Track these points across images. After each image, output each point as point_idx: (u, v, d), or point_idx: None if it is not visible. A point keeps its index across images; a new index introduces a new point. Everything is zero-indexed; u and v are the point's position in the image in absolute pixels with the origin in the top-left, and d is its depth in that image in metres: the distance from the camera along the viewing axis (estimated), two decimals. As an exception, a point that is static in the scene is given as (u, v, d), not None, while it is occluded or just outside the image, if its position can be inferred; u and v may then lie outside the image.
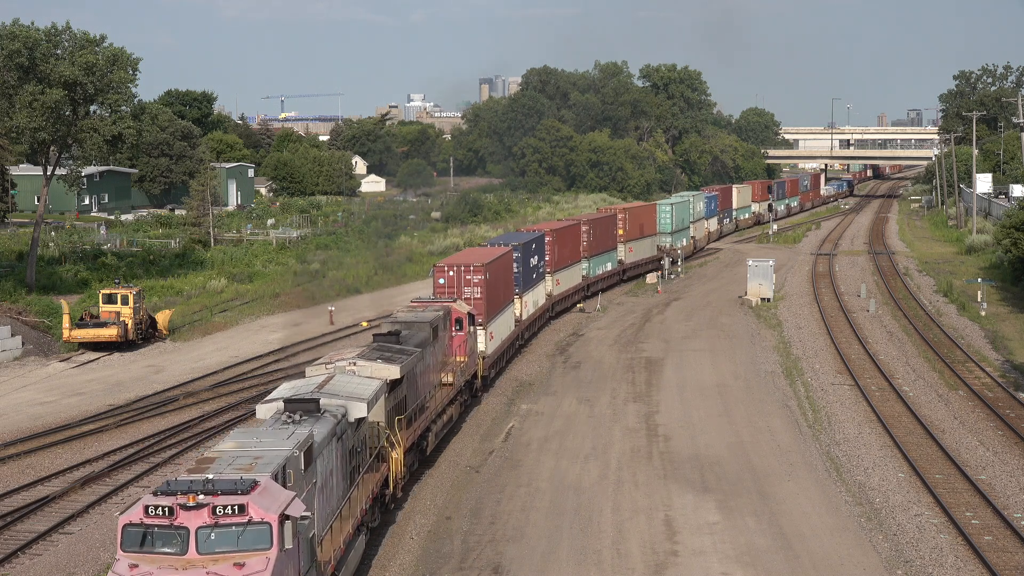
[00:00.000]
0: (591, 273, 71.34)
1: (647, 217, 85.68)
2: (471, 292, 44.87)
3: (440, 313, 37.87)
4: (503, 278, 49.17)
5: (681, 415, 41.60)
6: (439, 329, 36.80)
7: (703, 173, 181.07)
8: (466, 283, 44.99)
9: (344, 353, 31.43)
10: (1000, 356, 51.34)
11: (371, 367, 29.45)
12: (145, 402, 45.32)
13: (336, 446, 24.41)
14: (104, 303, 56.46)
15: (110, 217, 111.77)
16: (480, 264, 45.16)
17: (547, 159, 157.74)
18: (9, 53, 62.15)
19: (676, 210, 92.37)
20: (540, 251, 59.02)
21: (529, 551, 28.10)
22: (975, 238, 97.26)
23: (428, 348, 34.62)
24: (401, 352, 31.65)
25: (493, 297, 46.40)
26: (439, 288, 45.11)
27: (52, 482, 34.59)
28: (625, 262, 79.90)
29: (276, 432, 23.07)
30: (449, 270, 45.37)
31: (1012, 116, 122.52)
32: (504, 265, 49.48)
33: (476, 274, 45.01)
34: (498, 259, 47.90)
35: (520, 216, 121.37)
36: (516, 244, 53.98)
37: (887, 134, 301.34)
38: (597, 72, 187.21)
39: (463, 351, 39.88)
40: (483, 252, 50.70)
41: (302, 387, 27.26)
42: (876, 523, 29.60)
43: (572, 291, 67.17)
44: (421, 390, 33.30)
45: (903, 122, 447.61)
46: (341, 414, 25.23)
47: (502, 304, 48.82)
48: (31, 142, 67.45)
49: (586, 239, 70.13)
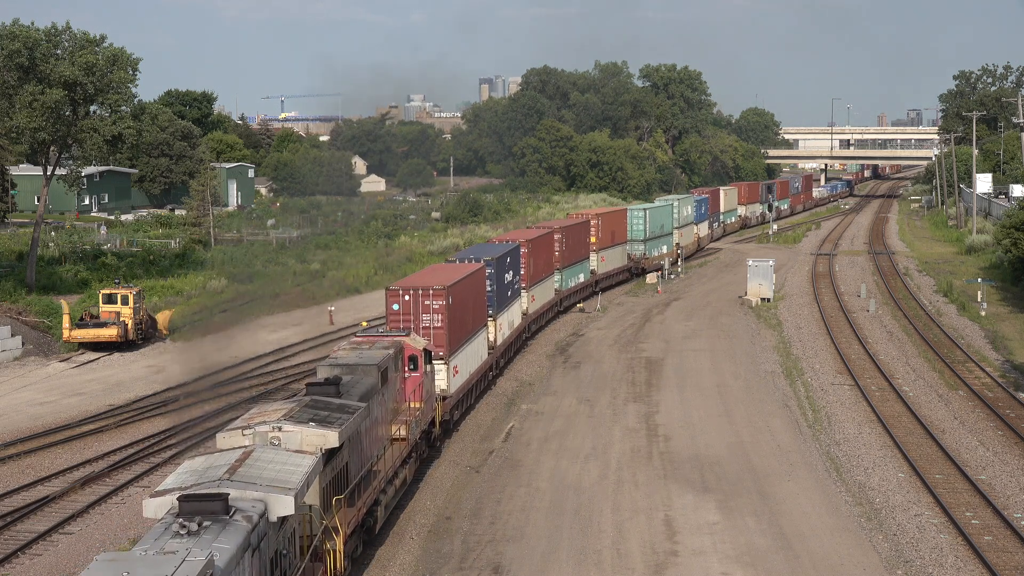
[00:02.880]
0: (563, 286, 64.95)
1: (619, 224, 79.04)
2: (430, 320, 38.15)
3: (390, 351, 31.20)
4: (472, 300, 42.31)
5: (681, 415, 41.60)
6: (389, 371, 30.40)
7: (703, 173, 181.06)
8: (424, 309, 38.12)
9: (269, 410, 24.58)
10: (1000, 356, 51.34)
11: (302, 434, 22.79)
12: (145, 402, 45.33)
13: (251, 562, 17.93)
14: (104, 303, 56.46)
15: (110, 217, 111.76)
16: (442, 287, 38.28)
17: (547, 159, 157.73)
18: (9, 53, 62.14)
19: (651, 216, 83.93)
20: (515, 264, 52.65)
21: (529, 551, 28.10)
22: (975, 238, 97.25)
23: (376, 398, 28.41)
24: (341, 410, 25.00)
25: (458, 324, 39.83)
26: (392, 316, 38.39)
27: (52, 482, 34.58)
28: (598, 272, 73.50)
29: (155, 565, 15.63)
30: (404, 294, 38.34)
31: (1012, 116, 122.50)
32: (473, 284, 42.68)
33: (437, 298, 38.12)
34: (466, 278, 41.36)
35: (520, 216, 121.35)
36: (489, 259, 47.08)
37: (887, 134, 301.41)
38: (597, 72, 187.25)
39: (419, 395, 33.41)
40: (448, 270, 43.68)
41: (208, 470, 20.39)
42: (876, 523, 29.60)
43: (546, 308, 60.87)
44: (367, 452, 27.01)
45: (903, 122, 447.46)
46: (259, 513, 18.66)
47: (470, 331, 41.97)
48: (31, 142, 67.43)
49: (559, 248, 63.64)
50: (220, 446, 22.81)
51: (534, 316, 57.31)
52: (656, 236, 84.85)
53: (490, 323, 46.60)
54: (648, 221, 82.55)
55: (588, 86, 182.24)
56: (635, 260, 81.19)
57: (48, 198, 71.90)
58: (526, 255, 55.22)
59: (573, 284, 67.29)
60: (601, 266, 73.76)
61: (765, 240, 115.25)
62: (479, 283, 43.97)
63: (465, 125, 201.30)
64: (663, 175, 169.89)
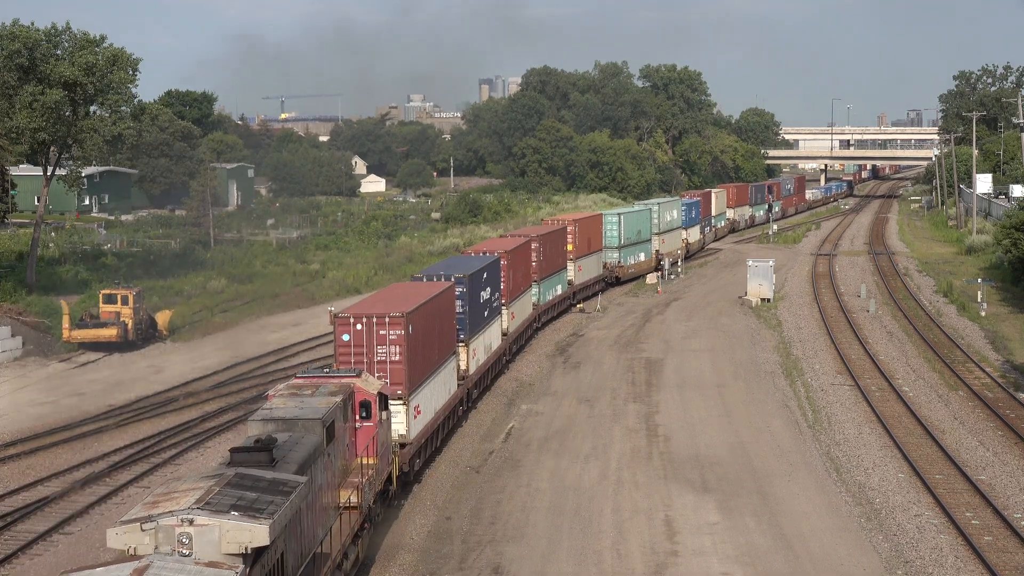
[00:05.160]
0: (541, 300, 59.22)
1: (595, 230, 73.23)
2: (387, 353, 32.34)
3: (338, 399, 25.63)
4: (439, 325, 36.61)
5: (681, 415, 41.61)
6: (336, 424, 24.98)
7: (703, 173, 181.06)
8: (380, 340, 32.34)
9: (180, 490, 18.77)
10: (1000, 356, 51.35)
11: (220, 528, 17.15)
12: (145, 402, 45.34)
13: None
14: (104, 303, 56.47)
15: (110, 217, 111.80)
16: (400, 314, 32.37)
17: (547, 159, 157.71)
18: (9, 53, 62.19)
19: (626, 221, 78.03)
20: (494, 280, 46.59)
21: (529, 551, 28.11)
22: (975, 238, 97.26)
23: (320, 461, 23.23)
24: (274, 488, 19.46)
25: (420, 356, 34.04)
26: (342, 348, 32.45)
27: (52, 482, 34.59)
28: (575, 283, 67.68)
29: None
30: (356, 322, 32.38)
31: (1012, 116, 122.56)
32: (440, 307, 36.98)
33: (394, 327, 32.29)
34: (430, 302, 35.50)
35: (520, 216, 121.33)
36: (461, 275, 41.07)
37: (887, 134, 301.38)
38: (597, 72, 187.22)
39: (372, 449, 27.67)
40: (409, 292, 37.38)
41: None
42: (876, 523, 29.61)
43: (524, 325, 54.89)
44: (310, 535, 21.62)
45: (903, 122, 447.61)
46: None
47: (436, 362, 36.21)
48: (31, 142, 67.44)
49: (536, 259, 57.89)
50: (110, 545, 17.26)
51: (514, 335, 51.85)
52: (632, 243, 79.45)
53: (461, 350, 40.70)
54: (622, 227, 77.34)
55: (588, 86, 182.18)
56: (610, 268, 76.29)
57: (48, 198, 71.91)
58: (506, 268, 49.46)
59: (551, 297, 61.75)
60: (578, 276, 68.25)
61: (765, 240, 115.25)
62: (447, 305, 38.18)
63: (465, 125, 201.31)
64: (663, 175, 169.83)
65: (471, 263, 44.64)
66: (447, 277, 40.54)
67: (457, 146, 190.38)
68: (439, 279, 40.39)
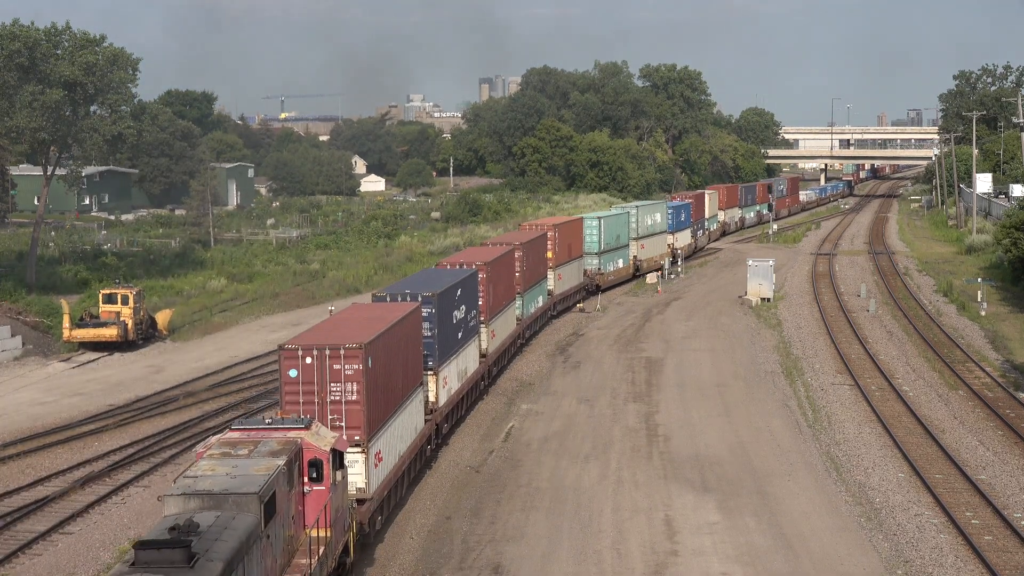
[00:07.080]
0: (524, 313, 54.34)
1: (576, 235, 68.55)
2: (342, 391, 27.09)
3: (281, 462, 20.94)
4: (403, 354, 31.20)
5: (681, 415, 41.61)
6: (278, 495, 20.41)
7: (703, 173, 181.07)
8: (334, 376, 27.04)
9: None
10: (1000, 356, 51.35)
11: None
12: (145, 402, 45.35)
13: None
14: (104, 303, 56.47)
15: (110, 217, 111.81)
16: (357, 345, 27.13)
17: (547, 159, 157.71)
18: (9, 53, 62.19)
19: (606, 225, 73.25)
20: (470, 296, 41.41)
21: (529, 551, 28.11)
22: (975, 238, 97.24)
23: (255, 548, 18.60)
24: None
25: (382, 392, 28.88)
26: (289, 386, 27.13)
27: (52, 482, 34.58)
28: (555, 293, 62.74)
29: None
30: (306, 355, 27.05)
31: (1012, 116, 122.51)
32: (404, 333, 31.49)
33: (351, 361, 27.02)
34: (392, 328, 30.10)
35: (520, 216, 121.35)
36: (429, 294, 35.60)
37: (887, 134, 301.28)
38: (597, 72, 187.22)
39: (325, 519, 22.80)
40: (370, 315, 31.91)
41: None
42: (876, 523, 29.61)
43: (508, 342, 49.95)
44: None
45: (903, 122, 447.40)
46: None
47: (400, 397, 30.98)
48: (31, 142, 67.57)
49: (519, 269, 53.25)
50: None
51: (495, 355, 46.61)
52: (612, 248, 74.90)
53: (429, 379, 35.46)
54: (603, 231, 72.46)
55: (588, 86, 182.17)
56: (590, 276, 71.65)
57: (48, 198, 71.94)
58: (485, 281, 44.19)
59: (533, 309, 56.85)
60: (558, 285, 63.27)
61: (765, 240, 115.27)
62: (413, 329, 32.74)
63: (465, 125, 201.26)
64: (663, 175, 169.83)
65: (442, 278, 39.34)
66: (413, 297, 35.32)
67: (457, 146, 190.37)
68: (403, 299, 35.30)
